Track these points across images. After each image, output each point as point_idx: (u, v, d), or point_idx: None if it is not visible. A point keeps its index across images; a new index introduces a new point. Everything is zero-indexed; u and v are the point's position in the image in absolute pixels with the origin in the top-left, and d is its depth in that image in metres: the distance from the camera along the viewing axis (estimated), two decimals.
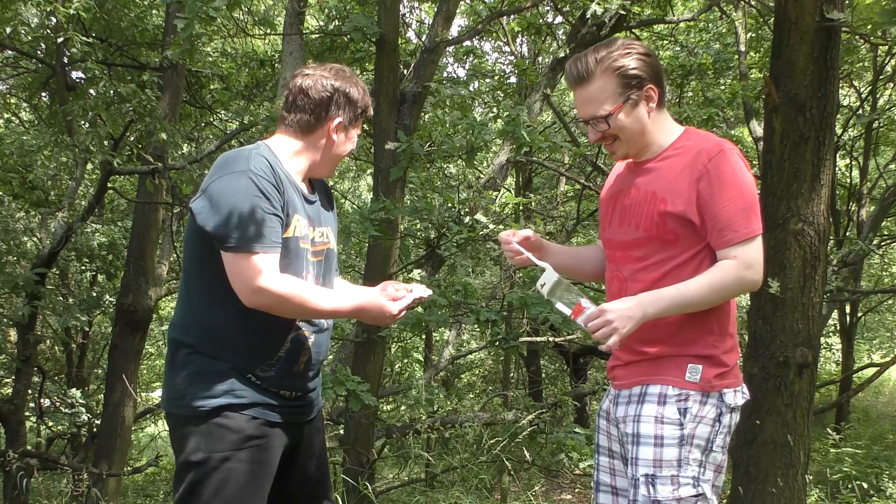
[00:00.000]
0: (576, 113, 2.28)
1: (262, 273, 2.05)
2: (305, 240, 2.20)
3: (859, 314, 11.60)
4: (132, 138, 7.82)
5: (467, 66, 9.29)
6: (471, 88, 8.12)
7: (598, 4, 5.17)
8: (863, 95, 9.37)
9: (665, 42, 9.27)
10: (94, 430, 8.07)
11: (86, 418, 8.21)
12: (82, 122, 7.29)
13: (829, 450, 8.28)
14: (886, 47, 7.75)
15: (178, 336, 2.20)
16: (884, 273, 13.75)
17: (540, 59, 9.68)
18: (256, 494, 2.15)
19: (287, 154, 2.24)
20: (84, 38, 6.67)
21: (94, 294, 9.31)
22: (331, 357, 6.71)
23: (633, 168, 2.27)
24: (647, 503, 2.07)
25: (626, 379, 2.20)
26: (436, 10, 6.58)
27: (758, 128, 7.03)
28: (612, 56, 2.13)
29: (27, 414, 8.37)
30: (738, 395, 2.15)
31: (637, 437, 2.11)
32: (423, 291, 2.27)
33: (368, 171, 12.11)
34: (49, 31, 7.13)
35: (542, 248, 2.33)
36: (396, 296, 2.24)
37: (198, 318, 2.18)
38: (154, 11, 8.98)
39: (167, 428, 2.32)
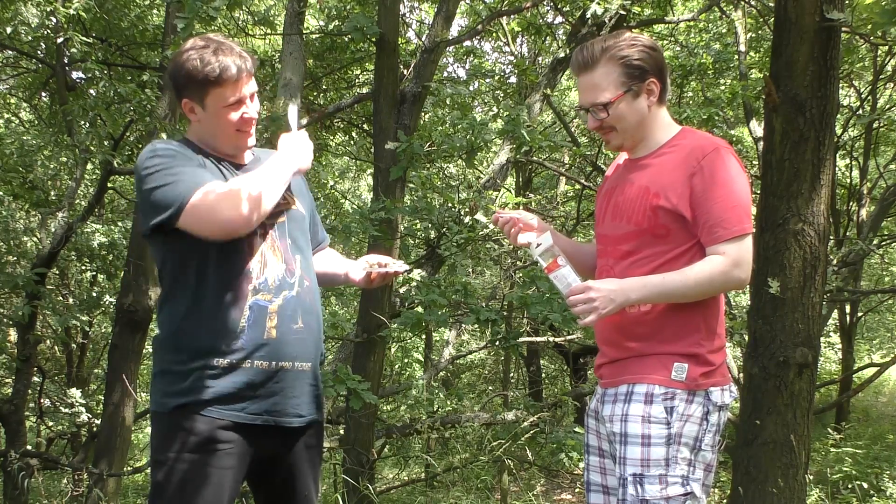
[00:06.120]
0: (578, 100, 2.29)
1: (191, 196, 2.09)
2: None
3: (859, 314, 11.58)
4: (132, 138, 7.82)
5: (467, 66, 9.30)
6: (471, 88, 8.13)
7: (599, 4, 5.17)
8: (863, 95, 9.35)
9: (665, 42, 9.26)
10: (94, 430, 8.06)
11: (86, 418, 8.20)
12: (82, 122, 7.28)
13: (829, 450, 8.27)
14: (886, 47, 7.74)
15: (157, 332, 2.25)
16: (884, 273, 13.73)
17: (540, 59, 9.67)
18: (214, 499, 2.11)
19: (194, 138, 2.28)
20: (84, 38, 6.65)
21: (94, 294, 9.31)
22: (331, 357, 6.70)
23: (628, 165, 2.28)
24: (635, 502, 2.07)
25: (612, 377, 2.21)
26: (436, 10, 6.58)
27: (758, 128, 7.02)
28: (617, 45, 2.15)
29: (27, 414, 8.36)
30: (725, 394, 2.16)
31: (625, 437, 2.12)
32: (400, 267, 2.33)
33: (368, 171, 12.11)
34: (49, 31, 7.12)
35: (544, 230, 2.31)
36: (380, 262, 2.37)
37: (162, 312, 2.20)
38: (154, 11, 8.97)
39: None
